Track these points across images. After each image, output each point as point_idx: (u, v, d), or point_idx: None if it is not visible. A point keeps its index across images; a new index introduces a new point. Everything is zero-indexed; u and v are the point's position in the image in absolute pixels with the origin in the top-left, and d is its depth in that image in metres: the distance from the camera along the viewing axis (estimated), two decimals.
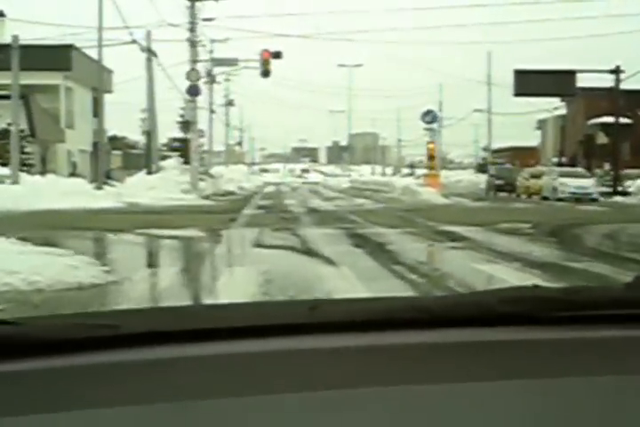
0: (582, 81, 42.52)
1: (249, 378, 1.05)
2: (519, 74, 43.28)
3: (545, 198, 36.35)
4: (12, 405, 0.98)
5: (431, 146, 35.77)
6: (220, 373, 1.07)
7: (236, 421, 0.95)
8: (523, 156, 64.70)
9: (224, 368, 1.08)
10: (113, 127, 58.22)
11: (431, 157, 35.78)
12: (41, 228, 15.44)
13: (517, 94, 43.47)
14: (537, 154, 66.31)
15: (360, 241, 13.38)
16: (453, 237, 14.11)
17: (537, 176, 39.16)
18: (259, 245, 12.82)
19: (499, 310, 1.21)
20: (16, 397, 1.00)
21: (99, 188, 30.18)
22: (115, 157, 64.30)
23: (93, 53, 34.57)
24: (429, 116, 35.60)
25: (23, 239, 11.51)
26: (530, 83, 42.76)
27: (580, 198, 33.81)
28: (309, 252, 11.62)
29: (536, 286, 1.33)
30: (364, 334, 1.17)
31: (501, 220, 18.25)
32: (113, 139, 63.13)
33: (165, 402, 0.97)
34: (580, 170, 39.43)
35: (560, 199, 34.43)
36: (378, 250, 11.91)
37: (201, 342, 1.14)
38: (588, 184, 35.48)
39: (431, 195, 30.20)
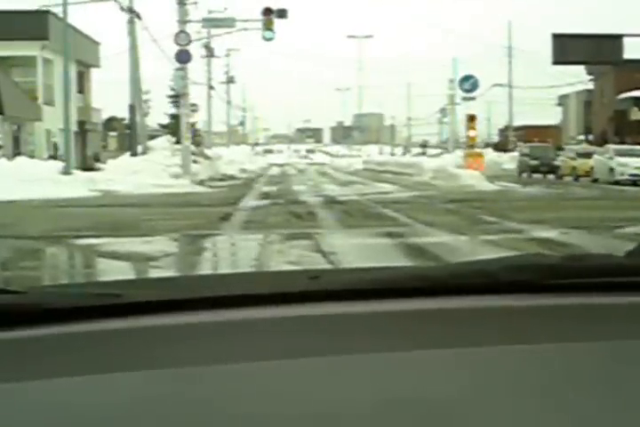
0: None
1: (249, 344, 1.05)
2: (558, 38, 38.13)
3: (595, 181, 31.21)
4: (19, 370, 0.99)
5: (473, 120, 29.96)
6: (220, 339, 1.08)
7: (236, 386, 0.94)
8: (538, 134, 61.25)
9: (224, 335, 1.09)
10: (109, 107, 53.41)
11: (471, 133, 29.92)
12: None
13: (556, 62, 38.51)
14: (554, 132, 62.68)
15: None
16: None
17: (586, 155, 33.72)
18: None
19: (501, 278, 1.21)
20: (23, 362, 1.01)
21: (66, 173, 24.88)
22: (111, 139, 60.05)
23: (77, 23, 29.51)
24: (469, 84, 29.60)
25: None
26: (571, 49, 37.63)
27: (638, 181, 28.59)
28: None
29: (538, 254, 1.34)
30: (367, 302, 1.16)
31: (600, 217, 13.12)
32: (111, 120, 59.07)
33: (166, 368, 0.98)
34: None
35: (617, 182, 29.27)
36: None
37: (201, 310, 1.14)
38: None
39: (474, 179, 24.54)
